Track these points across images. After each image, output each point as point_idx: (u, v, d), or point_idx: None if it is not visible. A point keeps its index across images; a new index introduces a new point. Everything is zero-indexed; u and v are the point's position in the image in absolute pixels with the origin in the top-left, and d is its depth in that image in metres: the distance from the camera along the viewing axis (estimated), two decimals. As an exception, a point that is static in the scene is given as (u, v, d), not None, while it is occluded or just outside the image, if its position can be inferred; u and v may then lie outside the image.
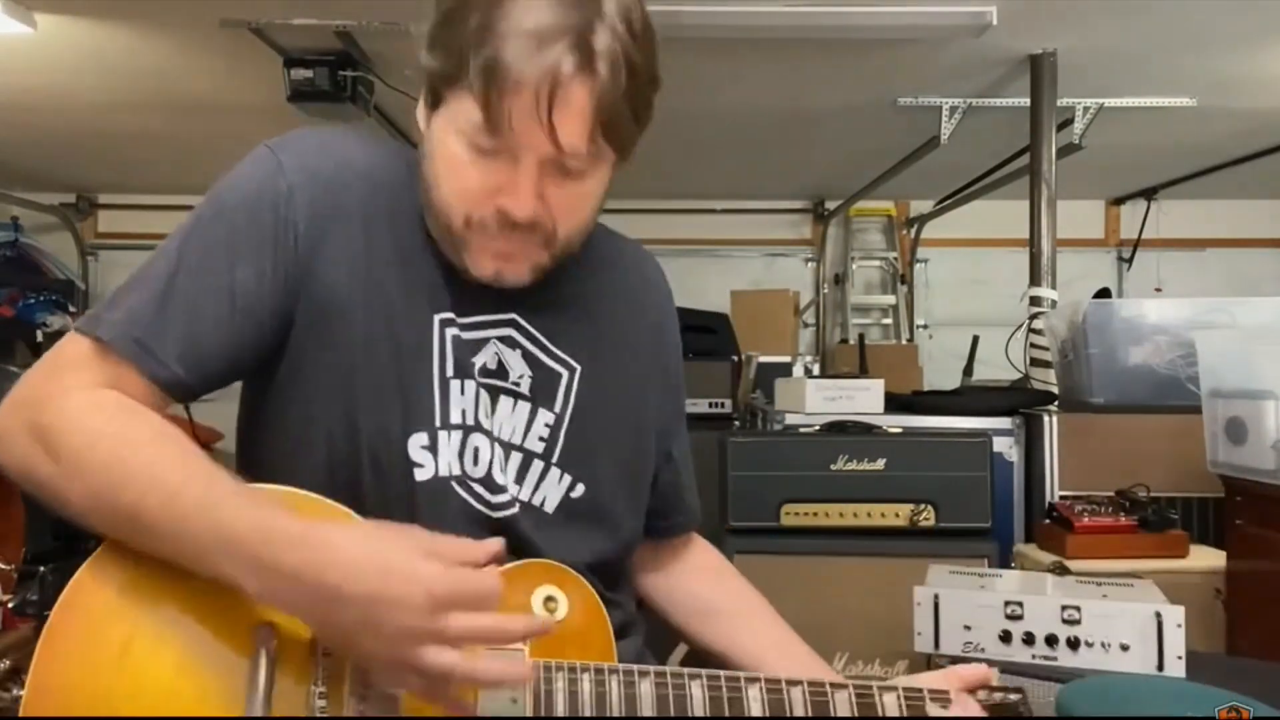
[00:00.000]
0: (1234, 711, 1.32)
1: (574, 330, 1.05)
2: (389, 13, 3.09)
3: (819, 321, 6.23)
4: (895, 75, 3.64)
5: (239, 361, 0.95)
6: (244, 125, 4.39)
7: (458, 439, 0.97)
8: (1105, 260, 6.10)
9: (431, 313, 0.98)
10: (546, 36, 0.85)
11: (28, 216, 5.87)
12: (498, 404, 1.00)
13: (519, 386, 1.01)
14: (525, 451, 1.01)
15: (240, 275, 0.93)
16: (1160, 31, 3.17)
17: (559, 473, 1.02)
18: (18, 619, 3.90)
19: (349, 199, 0.97)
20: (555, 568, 0.96)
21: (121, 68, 3.61)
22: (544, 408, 1.02)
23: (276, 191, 0.94)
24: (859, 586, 2.33)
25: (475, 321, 0.99)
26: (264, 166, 0.96)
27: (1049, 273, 3.28)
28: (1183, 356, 2.80)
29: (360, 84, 3.47)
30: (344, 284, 0.95)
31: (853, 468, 2.48)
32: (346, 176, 0.98)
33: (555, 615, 0.93)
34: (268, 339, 0.95)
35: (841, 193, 5.78)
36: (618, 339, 1.09)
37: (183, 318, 0.91)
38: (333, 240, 0.95)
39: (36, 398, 0.88)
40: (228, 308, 0.92)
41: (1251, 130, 4.33)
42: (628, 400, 1.09)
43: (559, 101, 0.86)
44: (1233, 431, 2.28)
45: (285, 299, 0.94)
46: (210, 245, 0.94)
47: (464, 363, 0.98)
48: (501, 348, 1.00)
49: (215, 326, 0.92)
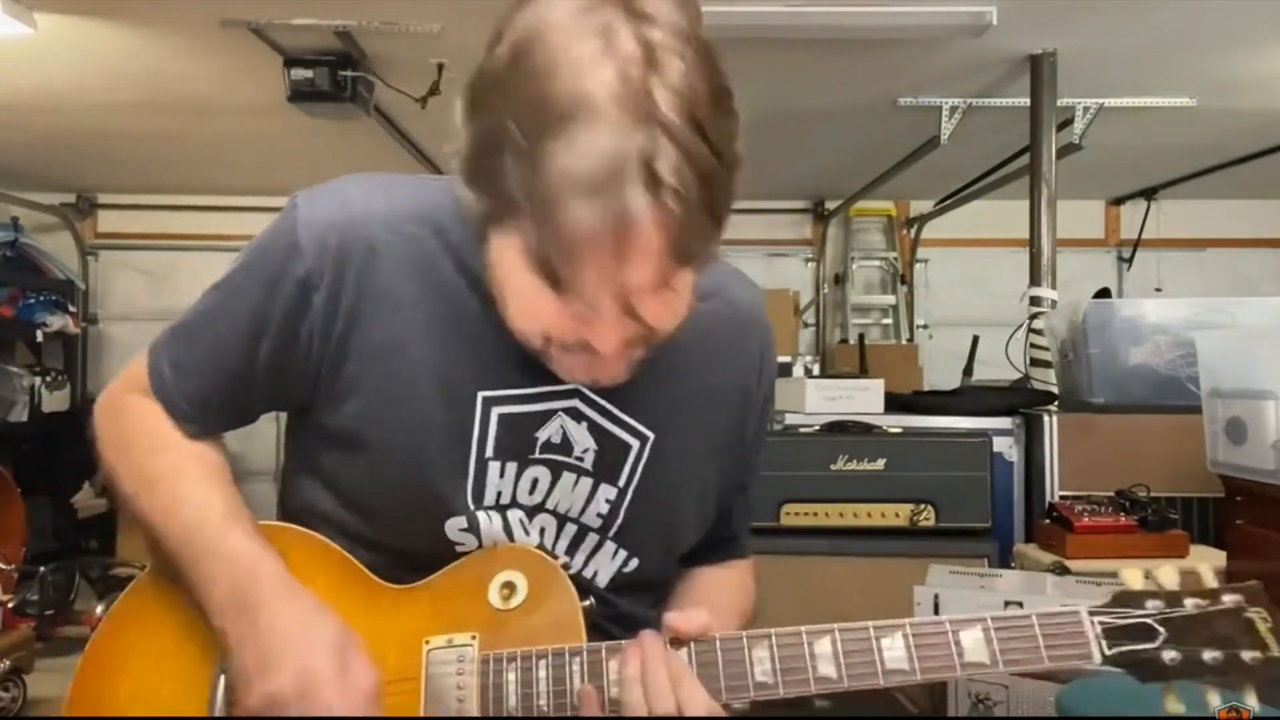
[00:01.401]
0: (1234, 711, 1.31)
1: (648, 395, 0.96)
2: (389, 13, 3.09)
3: (819, 321, 6.22)
4: (895, 75, 3.64)
5: (265, 409, 1.02)
6: (244, 125, 4.40)
7: (498, 518, 0.96)
8: (1105, 260, 6.10)
9: (475, 390, 0.93)
10: (603, 182, 0.70)
11: (28, 216, 5.86)
12: (559, 480, 0.96)
13: (582, 462, 0.96)
14: (581, 525, 0.98)
15: (258, 351, 0.95)
16: (1160, 31, 3.17)
17: (614, 547, 1.00)
18: (18, 619, 3.91)
19: (374, 278, 0.91)
20: (522, 552, 0.95)
21: (121, 68, 3.61)
22: (606, 482, 0.97)
23: (293, 277, 0.92)
24: (859, 586, 2.33)
25: (537, 393, 0.93)
26: (284, 244, 0.93)
27: (1049, 273, 3.28)
28: (1183, 356, 2.80)
29: (360, 84, 3.47)
30: (367, 370, 0.92)
31: (853, 468, 2.49)
32: (368, 256, 0.91)
33: (510, 603, 0.92)
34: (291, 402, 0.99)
35: (841, 193, 5.79)
36: (697, 402, 1.01)
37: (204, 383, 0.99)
38: (356, 325, 0.92)
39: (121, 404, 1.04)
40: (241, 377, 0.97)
41: (1251, 130, 4.33)
42: (696, 471, 1.03)
43: (631, 250, 0.72)
44: (1233, 431, 2.28)
45: (308, 374, 0.95)
46: (233, 317, 0.97)
47: (519, 440, 0.94)
48: (566, 420, 0.95)
49: (230, 393, 0.99)
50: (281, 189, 4.61)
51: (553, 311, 0.78)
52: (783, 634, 0.87)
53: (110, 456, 1.02)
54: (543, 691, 0.88)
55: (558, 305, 0.77)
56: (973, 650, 0.86)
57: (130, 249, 6.19)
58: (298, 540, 0.99)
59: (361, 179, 0.96)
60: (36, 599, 3.96)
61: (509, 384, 0.93)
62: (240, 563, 0.91)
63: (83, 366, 6.06)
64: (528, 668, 0.89)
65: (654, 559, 1.02)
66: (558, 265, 0.73)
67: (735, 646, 0.87)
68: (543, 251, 0.73)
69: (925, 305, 6.16)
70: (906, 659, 0.86)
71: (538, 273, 0.75)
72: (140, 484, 0.98)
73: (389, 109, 3.98)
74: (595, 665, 0.88)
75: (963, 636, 0.86)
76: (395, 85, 3.56)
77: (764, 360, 1.07)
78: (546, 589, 0.92)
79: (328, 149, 4.75)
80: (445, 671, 0.91)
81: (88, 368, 6.12)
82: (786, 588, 2.31)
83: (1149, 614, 0.88)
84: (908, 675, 0.86)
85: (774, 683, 0.86)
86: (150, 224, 6.13)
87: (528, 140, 0.72)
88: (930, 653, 0.86)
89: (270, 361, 0.95)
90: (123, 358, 1.07)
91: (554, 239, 0.72)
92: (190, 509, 0.95)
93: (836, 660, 0.87)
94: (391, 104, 3.86)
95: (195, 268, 6.13)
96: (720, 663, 0.87)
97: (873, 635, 0.87)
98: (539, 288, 0.76)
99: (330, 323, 0.92)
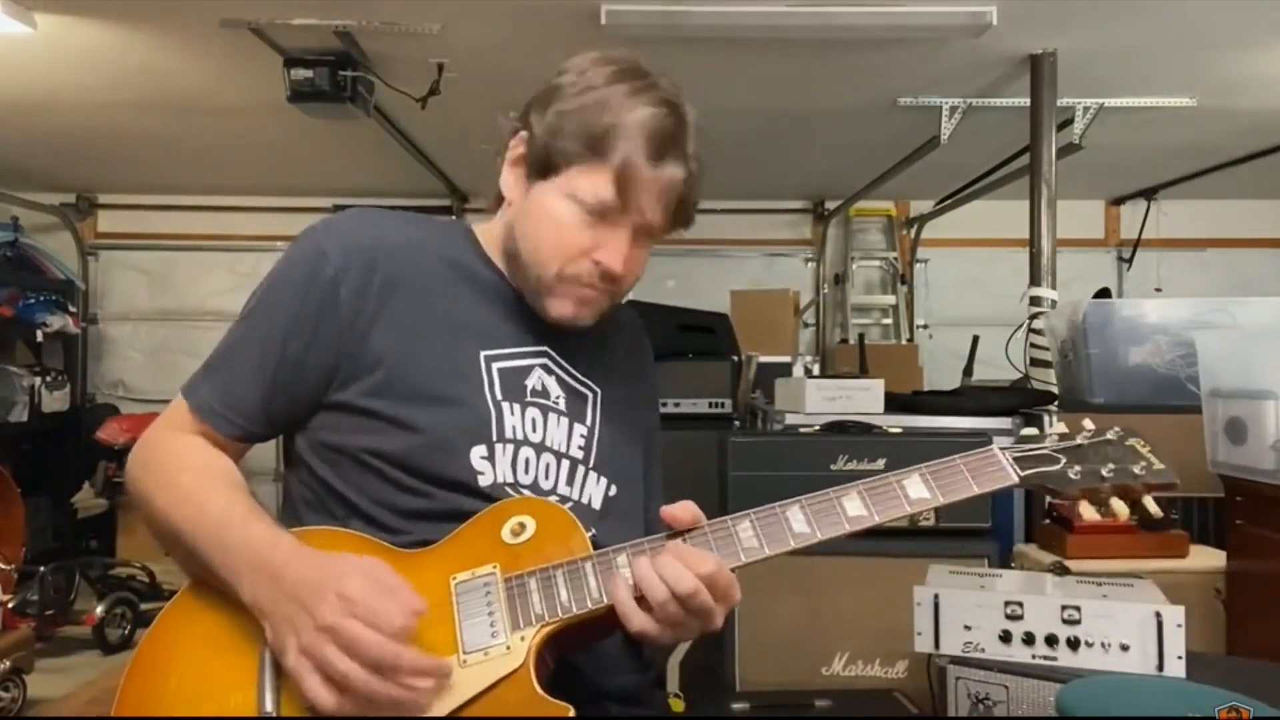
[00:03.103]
0: (1234, 711, 1.32)
1: (592, 361, 1.25)
2: (389, 13, 3.09)
3: (819, 321, 6.23)
4: (895, 75, 3.64)
5: (307, 406, 1.15)
6: (244, 125, 4.40)
7: (510, 451, 1.14)
8: (1105, 260, 6.10)
9: (478, 349, 1.17)
10: (667, 149, 1.11)
11: (28, 216, 5.87)
12: (548, 419, 1.19)
13: (558, 405, 1.20)
14: (570, 459, 1.19)
15: (296, 348, 1.12)
16: (1160, 31, 3.17)
17: (596, 475, 1.21)
18: (18, 619, 3.91)
19: (393, 271, 1.14)
20: (531, 501, 1.10)
21: (121, 68, 3.61)
22: (578, 422, 1.21)
23: (323, 278, 1.11)
24: (859, 586, 2.33)
25: (517, 352, 1.19)
26: (311, 253, 1.13)
27: (1049, 273, 3.28)
28: (1183, 356, 2.80)
29: (360, 84, 3.47)
30: (395, 342, 1.12)
31: (853, 468, 2.48)
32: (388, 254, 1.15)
33: (522, 537, 1.05)
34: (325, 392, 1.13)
35: (841, 193, 5.79)
36: (625, 369, 1.30)
37: (250, 387, 1.13)
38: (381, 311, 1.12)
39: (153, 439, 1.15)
40: (284, 374, 1.12)
41: (1251, 130, 4.34)
42: (635, 418, 1.29)
43: (668, 194, 1.13)
44: (1233, 431, 2.28)
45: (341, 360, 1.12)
46: (270, 326, 1.13)
47: (513, 387, 1.17)
48: (542, 373, 1.20)
49: (274, 390, 1.13)
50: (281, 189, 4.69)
51: (580, 239, 1.12)
52: (759, 510, 1.07)
53: (145, 477, 1.12)
54: (562, 591, 1.02)
55: (585, 233, 1.12)
56: (915, 491, 1.08)
57: (130, 249, 6.19)
58: (317, 537, 1.07)
59: (361, 210, 1.21)
60: (36, 599, 3.96)
61: (499, 345, 1.18)
62: (262, 541, 1.02)
63: (83, 366, 6.07)
64: (547, 577, 1.03)
65: (627, 488, 1.24)
66: (626, 186, 1.10)
67: (721, 526, 1.06)
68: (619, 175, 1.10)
69: (925, 305, 6.16)
70: (864, 507, 1.07)
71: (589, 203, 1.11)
72: (171, 500, 1.08)
73: (389, 109, 3.98)
74: (605, 563, 1.03)
75: (906, 483, 1.08)
76: (395, 85, 3.56)
77: (647, 340, 1.39)
78: (553, 523, 1.07)
79: (328, 149, 4.76)
80: (474, 596, 1.02)
81: (88, 368, 6.12)
82: (787, 588, 2.31)
83: (1049, 446, 1.13)
84: (867, 519, 1.06)
85: (759, 545, 1.05)
86: (150, 224, 6.14)
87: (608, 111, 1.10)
88: (882, 500, 1.07)
89: (304, 355, 1.11)
90: (123, 358, 1.07)
91: (632, 170, 1.09)
92: (215, 511, 1.06)
93: (808, 519, 1.06)
94: (391, 104, 3.87)
95: (195, 268, 6.14)
96: (711, 540, 1.05)
97: (834, 498, 1.08)
98: (575, 220, 1.12)
99: (356, 315, 1.11)
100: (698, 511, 1.06)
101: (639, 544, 1.05)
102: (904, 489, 1.08)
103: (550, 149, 1.12)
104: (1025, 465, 1.10)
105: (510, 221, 1.19)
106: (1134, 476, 1.11)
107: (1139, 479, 1.11)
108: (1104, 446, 1.12)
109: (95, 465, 5.60)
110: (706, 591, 0.99)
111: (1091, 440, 1.13)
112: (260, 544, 1.02)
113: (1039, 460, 1.11)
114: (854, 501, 1.07)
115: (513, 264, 1.19)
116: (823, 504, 1.07)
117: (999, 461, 1.10)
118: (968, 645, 1.79)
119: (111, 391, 6.18)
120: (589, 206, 1.11)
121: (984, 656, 1.77)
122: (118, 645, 4.14)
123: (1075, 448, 1.12)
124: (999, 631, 1.76)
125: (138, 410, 5.90)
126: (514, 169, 1.18)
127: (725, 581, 1.01)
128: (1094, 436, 1.13)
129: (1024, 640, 1.75)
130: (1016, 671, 1.74)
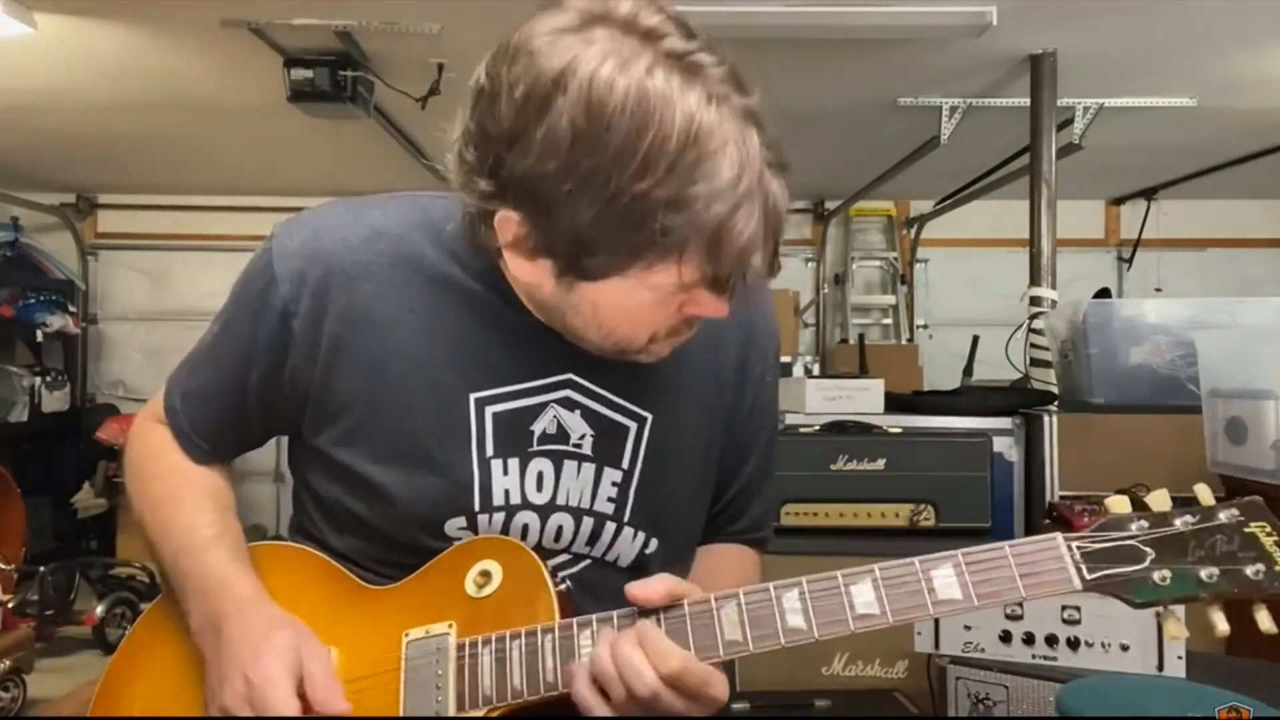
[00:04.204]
0: (1234, 711, 1.32)
1: (639, 376, 0.98)
2: (389, 13, 3.09)
3: (819, 321, 6.23)
4: (895, 75, 3.64)
5: (266, 434, 1.06)
6: (244, 125, 4.39)
7: (500, 520, 0.97)
8: (1105, 260, 6.10)
9: (466, 394, 0.95)
10: (752, 178, 0.79)
11: (28, 216, 5.87)
12: (562, 470, 0.98)
13: (580, 447, 0.98)
14: (596, 515, 0.99)
15: (251, 379, 0.99)
16: (1160, 31, 3.17)
17: (632, 532, 1.01)
18: (18, 619, 3.91)
19: (352, 301, 0.95)
20: (501, 544, 0.95)
21: (121, 68, 3.61)
22: (609, 466, 0.99)
23: (272, 309, 0.96)
24: (859, 586, 2.33)
25: (523, 390, 0.96)
26: (262, 278, 0.97)
27: (1049, 273, 3.28)
28: (1183, 356, 2.80)
29: (360, 84, 3.47)
30: (356, 388, 0.96)
31: (853, 468, 2.48)
32: (345, 280, 0.95)
33: (485, 590, 0.94)
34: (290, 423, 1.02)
35: (841, 193, 5.78)
36: (692, 379, 1.02)
37: (210, 411, 1.04)
38: (339, 347, 0.95)
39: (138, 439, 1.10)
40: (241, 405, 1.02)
41: (1251, 130, 4.33)
42: (698, 446, 1.04)
43: (778, 228, 0.82)
44: (1233, 431, 2.28)
45: (298, 398, 0.99)
46: (226, 349, 1.01)
47: (514, 436, 0.96)
48: (560, 410, 0.97)
49: (233, 419, 1.03)
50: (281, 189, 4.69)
51: (667, 311, 0.85)
52: (750, 591, 0.87)
53: (129, 482, 1.08)
54: (516, 671, 0.89)
55: (673, 301, 0.84)
56: (944, 588, 0.84)
57: (130, 249, 6.19)
58: (286, 555, 1.04)
59: (335, 205, 1.00)
60: (36, 599, 3.96)
61: (496, 383, 0.96)
62: (211, 582, 0.95)
63: (82, 366, 6.07)
64: (501, 649, 0.90)
65: (673, 539, 1.04)
66: (727, 262, 0.79)
67: (703, 609, 0.87)
68: (710, 253, 0.79)
69: (925, 305, 6.16)
70: (876, 603, 0.84)
71: (677, 292, 0.82)
72: (145, 507, 1.04)
73: (389, 109, 3.98)
74: (566, 641, 0.89)
75: (934, 575, 0.85)
76: (395, 85, 3.56)
77: (756, 332, 1.08)
78: (521, 575, 0.93)
79: (328, 149, 4.76)
80: (424, 661, 0.93)
81: (87, 368, 6.12)
82: (786, 588, 2.31)
83: (1132, 535, 0.84)
84: (878, 619, 0.84)
85: (743, 639, 0.85)
86: (150, 224, 6.13)
87: (665, 187, 0.76)
88: (900, 593, 0.85)
89: (260, 391, 1.00)
90: (123, 358, 1.08)
91: (724, 237, 0.78)
92: (179, 533, 0.99)
93: (806, 611, 0.85)
94: (391, 104, 3.86)
95: (195, 268, 6.14)
96: (689, 625, 0.86)
97: (841, 583, 0.85)
98: (656, 302, 0.83)
99: (314, 348, 0.95)
100: (675, 586, 0.87)
101: (609, 617, 0.88)
102: (930, 583, 0.84)
103: (589, 256, 0.81)
104: (1095, 563, 0.83)
105: (546, 303, 0.90)
106: (1248, 583, 0.81)
107: (1255, 585, 0.80)
108: (1211, 535, 0.83)
109: (95, 465, 5.61)
110: (669, 693, 0.82)
111: (1195, 526, 0.83)
112: (211, 582, 0.95)
113: (1115, 557, 0.83)
114: (865, 592, 0.85)
115: (566, 333, 0.92)
116: (827, 591, 0.86)
117: (1060, 555, 0.83)
118: (967, 645, 1.78)
119: (111, 391, 6.18)
120: (671, 295, 0.83)
121: (984, 656, 1.77)
122: (118, 645, 4.13)
123: (1169, 538, 0.83)
124: (999, 631, 1.76)
125: (138, 410, 5.89)
126: (519, 257, 0.86)
127: (697, 681, 0.83)
128: (1200, 521, 0.83)
129: (1024, 640, 1.75)
130: (1016, 671, 1.74)
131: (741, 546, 1.17)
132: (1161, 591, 0.82)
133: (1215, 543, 0.82)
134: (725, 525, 1.14)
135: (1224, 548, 0.82)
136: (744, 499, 1.14)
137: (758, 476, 1.14)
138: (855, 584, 0.85)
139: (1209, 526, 0.82)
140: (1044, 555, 0.83)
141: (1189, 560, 0.82)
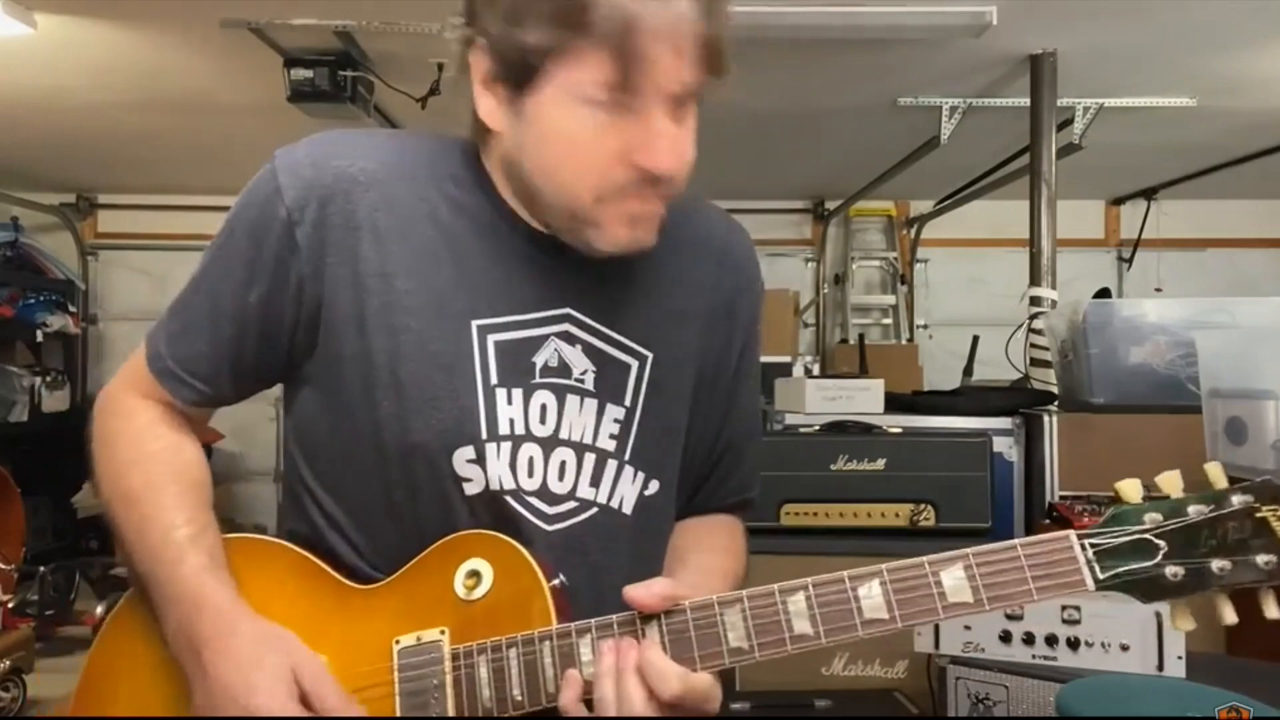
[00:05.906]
0: (1234, 711, 1.32)
1: (639, 314, 0.99)
2: (389, 13, 3.09)
3: (819, 321, 6.23)
4: (895, 75, 3.64)
5: (267, 371, 1.00)
6: (244, 125, 4.39)
7: (507, 450, 0.94)
8: (1105, 260, 6.10)
9: (469, 319, 0.94)
10: None
11: (28, 216, 5.87)
12: (565, 403, 0.96)
13: (583, 383, 0.97)
14: (599, 451, 0.97)
15: (252, 299, 0.96)
16: (1160, 31, 3.17)
17: (632, 471, 0.99)
18: (18, 619, 3.91)
19: (357, 210, 0.93)
20: (489, 540, 0.92)
21: (121, 68, 3.61)
22: (611, 403, 0.98)
23: (276, 218, 0.94)
24: (859, 586, 2.33)
25: (525, 320, 0.95)
26: (264, 190, 0.95)
27: (1049, 273, 3.28)
28: (1183, 356, 2.80)
29: (360, 84, 3.48)
30: (361, 303, 0.93)
31: (853, 468, 2.48)
32: (351, 187, 0.94)
33: (476, 592, 0.91)
34: (290, 354, 0.98)
35: (841, 193, 5.78)
36: (688, 320, 1.03)
37: (205, 344, 0.98)
38: (344, 259, 0.93)
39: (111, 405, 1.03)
40: (241, 329, 0.97)
41: (1251, 130, 4.33)
42: (689, 389, 1.04)
43: (687, 38, 0.85)
44: (1233, 431, 2.28)
45: (302, 317, 0.95)
46: (224, 273, 0.98)
47: (517, 366, 0.95)
48: (560, 344, 0.96)
49: (233, 348, 0.98)
50: (281, 189, 4.45)
51: (607, 145, 0.86)
52: (755, 594, 0.84)
53: (97, 461, 1.01)
54: (515, 680, 0.87)
55: (610, 135, 0.86)
56: (955, 591, 0.82)
57: (130, 249, 6.18)
58: (264, 551, 0.99)
59: (339, 130, 1.01)
60: (36, 599, 3.96)
61: (499, 311, 0.95)
62: (187, 595, 0.91)
63: (83, 366, 6.06)
64: (498, 657, 0.88)
65: (669, 480, 1.03)
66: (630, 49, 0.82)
67: (706, 615, 0.85)
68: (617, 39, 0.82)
69: (925, 305, 6.16)
70: (885, 607, 0.82)
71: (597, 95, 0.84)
72: (116, 496, 0.98)
73: (389, 109, 3.98)
74: (565, 648, 0.87)
75: (944, 577, 0.82)
76: (395, 85, 3.56)
77: (743, 276, 1.09)
78: (513, 576, 0.90)
79: (328, 149, 4.75)
80: (418, 671, 0.90)
81: (88, 368, 6.12)
82: (786, 588, 2.31)
83: (1145, 529, 0.81)
84: (887, 624, 0.82)
85: (749, 647, 0.83)
86: (150, 224, 6.13)
87: None
88: (910, 597, 0.83)
89: (261, 309, 0.96)
90: (123, 357, 1.05)
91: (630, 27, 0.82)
92: (156, 532, 0.94)
93: (812, 616, 0.83)
94: (391, 104, 3.86)
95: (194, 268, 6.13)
96: (692, 632, 0.84)
97: (849, 585, 0.83)
98: (592, 124, 0.86)
99: (319, 258, 0.93)
100: (673, 588, 0.86)
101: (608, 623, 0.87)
102: (940, 585, 0.82)
103: (520, 49, 0.86)
104: (1108, 562, 0.81)
105: (510, 157, 0.94)
106: (1258, 573, 0.79)
107: (1265, 574, 0.79)
108: (1223, 523, 0.80)
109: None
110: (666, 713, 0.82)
111: (1209, 515, 0.80)
112: (185, 601, 0.91)
113: (1129, 553, 0.81)
114: (874, 595, 0.83)
115: (535, 206, 0.94)
116: (834, 595, 0.84)
117: (1074, 555, 0.81)
118: (968, 645, 1.78)
119: (111, 391, 6.18)
120: (598, 101, 0.85)
121: (984, 656, 1.77)
122: (117, 645, 4.14)
123: (1182, 530, 0.81)
124: (999, 631, 1.77)
125: (138, 410, 5.89)
126: (487, 90, 0.91)
127: (699, 697, 0.83)
128: (1214, 509, 0.80)
129: (1024, 640, 1.75)
130: (1016, 671, 1.74)
131: (729, 517, 1.14)
132: (1174, 588, 0.80)
133: (1227, 531, 0.79)
134: (717, 488, 1.12)
135: (1235, 536, 0.79)
136: (734, 456, 1.11)
137: (747, 430, 1.12)
138: (862, 586, 0.83)
139: (1221, 514, 0.80)
140: (1057, 554, 0.82)
141: (1201, 553, 0.80)
